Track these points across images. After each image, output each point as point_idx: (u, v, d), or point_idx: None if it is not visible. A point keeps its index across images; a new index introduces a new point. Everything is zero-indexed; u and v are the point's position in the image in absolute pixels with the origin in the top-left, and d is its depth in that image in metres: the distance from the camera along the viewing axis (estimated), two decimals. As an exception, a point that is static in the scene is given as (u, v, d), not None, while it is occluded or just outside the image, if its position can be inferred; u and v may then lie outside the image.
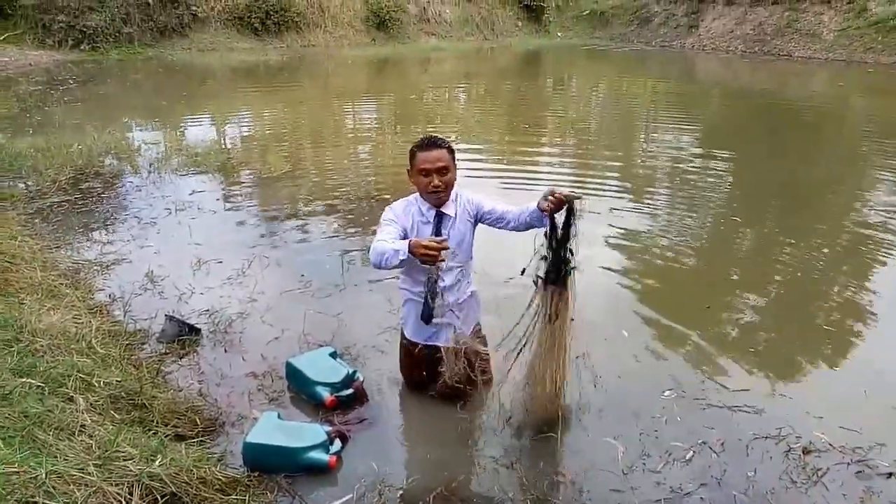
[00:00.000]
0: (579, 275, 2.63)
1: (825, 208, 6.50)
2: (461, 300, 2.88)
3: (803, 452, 2.78)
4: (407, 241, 2.44)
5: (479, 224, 2.86)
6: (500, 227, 2.81)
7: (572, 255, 2.54)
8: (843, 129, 11.27)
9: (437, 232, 2.71)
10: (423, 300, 2.82)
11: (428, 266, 2.46)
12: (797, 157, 8.49)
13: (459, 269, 2.83)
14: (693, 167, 8.12)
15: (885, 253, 5.11)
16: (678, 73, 20.22)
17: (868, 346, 3.75)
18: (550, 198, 2.44)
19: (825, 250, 5.29)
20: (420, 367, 3.04)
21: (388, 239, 2.56)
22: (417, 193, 2.77)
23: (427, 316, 2.83)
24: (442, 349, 2.81)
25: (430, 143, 2.65)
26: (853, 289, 4.53)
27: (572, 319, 2.65)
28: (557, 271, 2.55)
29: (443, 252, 2.31)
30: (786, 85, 16.89)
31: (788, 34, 22.43)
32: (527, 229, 2.70)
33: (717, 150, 8.93)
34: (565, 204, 2.45)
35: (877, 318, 4.04)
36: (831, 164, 8.49)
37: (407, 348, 3.06)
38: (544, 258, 2.56)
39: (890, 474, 2.65)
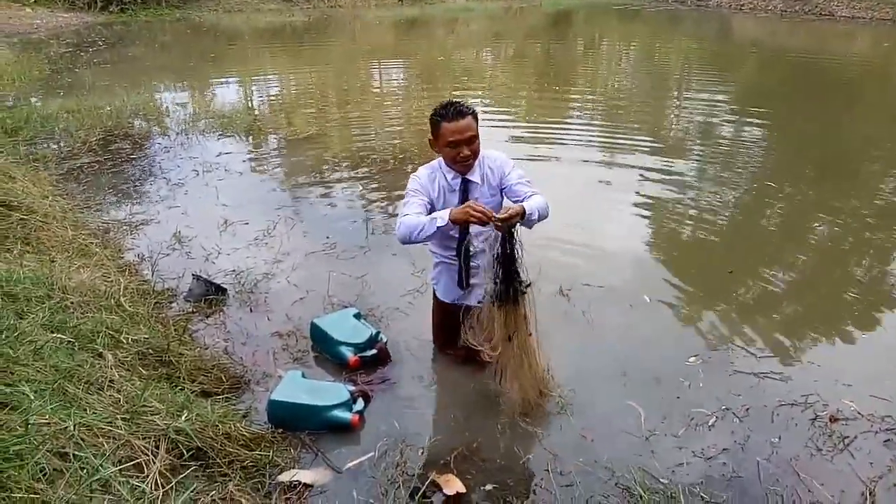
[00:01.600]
0: (607, 241, 2.59)
1: (862, 175, 6.28)
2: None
3: (830, 420, 2.73)
4: (448, 210, 2.41)
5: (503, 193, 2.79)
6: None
7: (519, 279, 2.54)
8: (886, 92, 10.82)
9: (465, 200, 2.66)
10: (454, 263, 2.81)
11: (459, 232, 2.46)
12: (835, 123, 8.20)
13: (490, 232, 2.79)
14: (727, 131, 7.89)
15: (926, 220, 4.93)
16: (713, 33, 19.55)
17: (901, 316, 3.65)
18: (502, 214, 2.36)
19: (860, 218, 5.13)
20: (451, 324, 3.04)
21: (414, 212, 2.53)
22: (441, 160, 2.70)
23: (461, 282, 2.84)
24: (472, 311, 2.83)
25: (457, 112, 2.51)
26: (885, 259, 4.39)
27: (530, 334, 2.63)
28: (507, 290, 2.53)
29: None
30: (826, 46, 16.21)
31: (832, -9, 21.46)
32: None
33: (752, 114, 8.66)
34: (504, 232, 2.42)
35: (913, 287, 3.93)
36: (870, 129, 8.17)
37: (438, 307, 3.08)
38: (494, 281, 2.53)
39: (920, 444, 2.60)
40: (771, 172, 6.30)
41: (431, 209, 2.66)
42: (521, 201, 2.57)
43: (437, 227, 2.42)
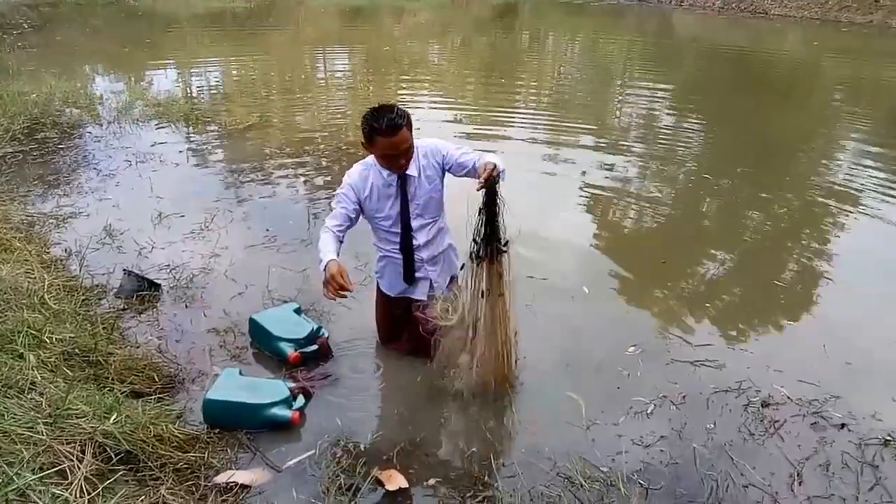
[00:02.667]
0: (547, 230, 2.59)
1: (793, 167, 6.54)
2: (436, 254, 2.84)
3: (762, 405, 2.83)
4: (326, 260, 2.44)
5: (449, 174, 2.72)
6: (462, 176, 2.67)
7: (501, 236, 2.49)
8: (815, 88, 11.30)
9: (404, 196, 2.63)
10: (398, 257, 2.78)
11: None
12: (769, 116, 8.51)
13: (432, 224, 2.76)
14: (667, 124, 8.09)
15: (848, 213, 5.17)
16: (655, 28, 20.02)
17: (828, 304, 3.81)
18: (483, 174, 2.31)
19: (790, 209, 5.35)
20: (394, 318, 3.03)
21: (334, 228, 2.56)
22: (373, 158, 2.61)
23: (407, 274, 2.81)
24: (414, 305, 2.82)
25: (392, 125, 2.39)
26: (816, 248, 4.59)
27: (500, 294, 2.59)
28: (487, 247, 2.49)
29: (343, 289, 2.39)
30: (760, 43, 16.81)
31: (765, -9, 22.26)
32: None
33: (690, 108, 8.92)
34: (490, 188, 2.36)
35: (838, 277, 4.10)
36: (801, 123, 8.53)
37: (382, 300, 3.04)
38: (480, 235, 2.48)
39: (843, 425, 2.72)
40: (707, 165, 6.48)
41: (357, 214, 2.64)
42: (473, 167, 2.54)
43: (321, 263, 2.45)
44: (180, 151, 6.08)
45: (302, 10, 20.00)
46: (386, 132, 2.41)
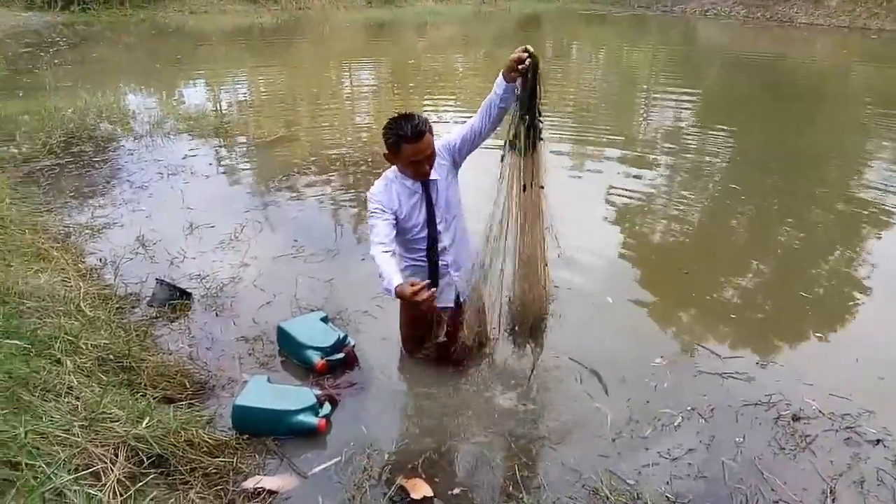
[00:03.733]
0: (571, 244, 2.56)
1: (824, 178, 6.44)
2: (461, 259, 2.84)
3: (793, 419, 2.78)
4: (395, 285, 2.38)
5: (461, 162, 2.72)
6: (482, 141, 2.65)
7: (540, 118, 2.41)
8: (845, 97, 11.12)
9: (429, 200, 2.64)
10: (423, 263, 2.78)
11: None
12: (798, 126, 8.39)
13: (454, 225, 2.77)
14: (693, 135, 8.02)
15: (882, 225, 5.07)
16: (679, 38, 19.89)
17: (862, 316, 3.74)
18: (524, 59, 2.26)
19: (823, 220, 5.26)
20: (420, 326, 3.02)
21: (383, 245, 2.51)
22: (394, 169, 2.64)
23: (432, 280, 2.79)
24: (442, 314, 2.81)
25: (417, 132, 2.43)
26: (848, 260, 4.51)
27: (542, 187, 2.50)
28: (527, 138, 2.41)
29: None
30: (788, 52, 16.61)
31: None
32: (503, 114, 2.53)
33: (717, 118, 8.83)
34: (534, 59, 2.28)
35: (871, 289, 4.03)
36: (832, 133, 8.40)
37: (407, 311, 3.03)
38: (521, 124, 2.40)
39: (878, 441, 2.66)
40: (735, 175, 6.41)
41: (395, 224, 2.63)
42: (476, 120, 2.54)
43: (385, 288, 2.41)
44: (210, 164, 6.21)
45: (327, 26, 20.28)
46: (412, 139, 2.44)
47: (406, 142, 2.45)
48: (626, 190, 5.72)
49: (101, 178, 5.67)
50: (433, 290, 2.36)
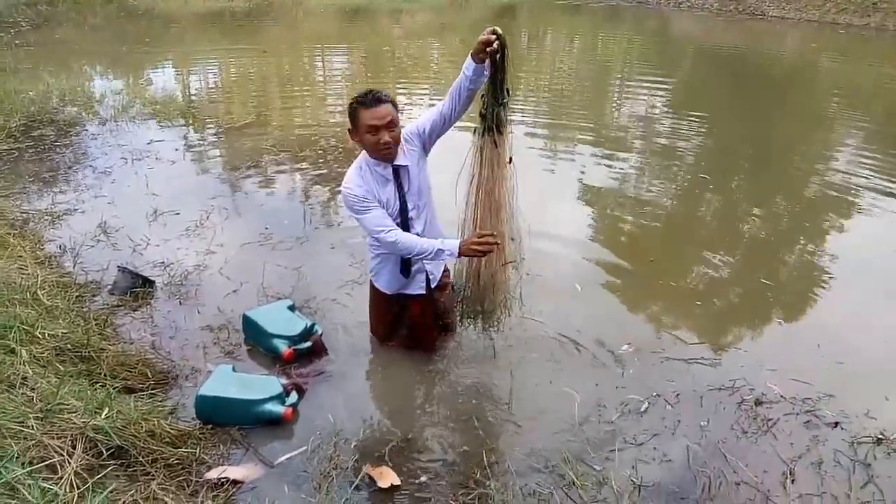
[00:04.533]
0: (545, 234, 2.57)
1: (791, 168, 6.53)
2: None
3: (755, 403, 2.83)
4: (456, 243, 2.41)
5: (431, 147, 2.69)
6: (451, 125, 2.61)
7: (508, 97, 2.42)
8: (813, 90, 11.30)
9: (400, 187, 2.61)
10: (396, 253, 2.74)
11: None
12: (767, 117, 8.50)
13: (425, 209, 2.73)
14: (665, 124, 8.08)
15: (846, 214, 5.17)
16: (653, 29, 20.01)
17: (823, 303, 3.81)
18: (493, 41, 2.25)
19: (789, 209, 5.35)
20: (392, 315, 3.01)
21: (393, 224, 2.52)
22: (364, 156, 2.59)
23: (404, 269, 2.78)
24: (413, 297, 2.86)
25: (375, 98, 2.42)
26: (812, 248, 4.59)
27: (510, 159, 2.52)
28: (496, 117, 2.43)
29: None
30: (758, 44, 16.81)
31: (764, -8, 22.27)
32: (473, 97, 2.49)
33: (689, 108, 8.89)
34: (502, 40, 2.28)
35: (833, 277, 4.10)
36: (799, 124, 8.52)
37: (379, 300, 3.00)
38: (487, 105, 2.43)
39: (836, 423, 2.72)
40: (705, 165, 6.48)
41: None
42: (445, 104, 2.52)
43: (443, 257, 2.43)
44: (176, 149, 6.07)
45: (300, 10, 19.98)
46: (370, 104, 2.42)
47: (362, 106, 2.43)
48: (597, 177, 5.75)
49: (62, 162, 5.52)
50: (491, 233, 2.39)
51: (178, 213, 4.52)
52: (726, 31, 19.49)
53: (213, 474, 2.29)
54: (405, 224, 2.66)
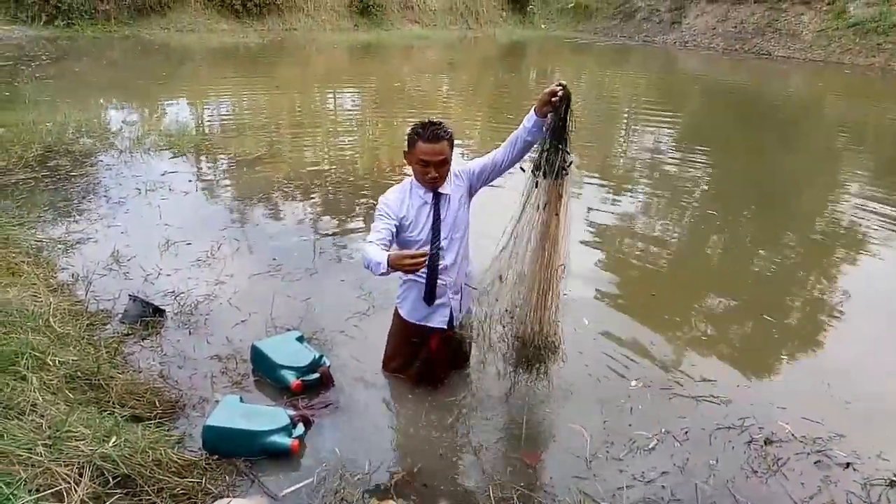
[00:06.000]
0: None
1: (798, 206, 6.56)
2: (459, 282, 2.84)
3: (765, 442, 2.80)
4: (385, 255, 2.37)
5: (480, 188, 2.80)
6: (501, 173, 2.74)
7: (567, 149, 2.50)
8: (819, 128, 11.40)
9: (437, 213, 2.68)
10: (421, 279, 2.77)
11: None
12: (774, 155, 8.56)
13: (459, 243, 2.79)
14: (672, 161, 8.15)
15: (855, 253, 5.18)
16: (660, 68, 20.29)
17: (833, 342, 3.79)
18: (558, 92, 2.37)
19: (796, 247, 5.36)
20: (409, 346, 3.01)
21: (377, 241, 2.52)
22: (411, 180, 2.72)
23: (429, 296, 2.80)
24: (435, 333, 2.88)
25: (434, 135, 2.55)
26: (821, 286, 4.59)
27: (556, 214, 2.56)
28: (552, 165, 2.50)
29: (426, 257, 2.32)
30: (765, 83, 17.02)
31: (769, 33, 22.62)
32: (528, 149, 2.61)
33: (696, 146, 8.97)
34: (566, 92, 2.38)
35: (843, 315, 4.09)
36: (806, 162, 8.58)
37: (400, 328, 3.00)
38: (547, 151, 2.50)
39: (848, 464, 2.69)
40: (713, 202, 6.51)
41: (395, 231, 2.64)
42: (501, 151, 2.64)
43: (380, 272, 2.39)
44: (189, 181, 6.16)
45: (313, 47, 20.40)
46: (428, 139, 2.54)
47: (421, 139, 2.56)
48: (606, 214, 5.79)
49: (77, 192, 5.60)
50: (425, 251, 2.42)
51: (189, 244, 4.57)
52: (733, 69, 19.75)
53: (218, 505, 2.28)
54: (435, 251, 2.71)
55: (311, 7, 24.06)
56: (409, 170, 2.74)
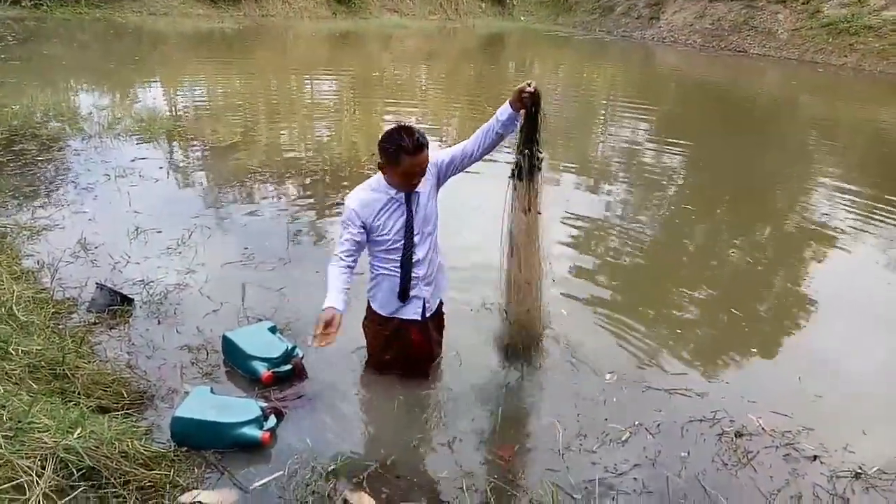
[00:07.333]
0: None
1: (772, 202, 6.65)
2: (431, 274, 2.82)
3: (736, 435, 2.83)
4: (324, 307, 2.50)
5: (445, 180, 2.75)
6: (471, 164, 2.71)
7: (540, 148, 2.58)
8: (793, 125, 11.56)
9: (409, 211, 2.64)
10: (395, 273, 2.74)
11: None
12: (750, 151, 8.66)
13: (430, 237, 2.77)
14: (649, 155, 8.20)
15: (825, 247, 5.26)
16: (637, 62, 20.41)
17: (805, 336, 3.86)
18: (527, 90, 2.43)
19: (770, 243, 5.43)
20: (382, 339, 2.97)
21: (344, 256, 2.58)
22: (380, 177, 2.62)
23: (403, 291, 2.78)
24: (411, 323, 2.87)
25: (418, 145, 2.46)
26: (793, 280, 4.65)
27: (539, 212, 2.66)
28: (530, 166, 2.59)
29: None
30: (741, 80, 17.21)
31: (745, 31, 22.83)
32: (498, 142, 2.62)
33: (672, 140, 9.03)
34: (537, 93, 2.44)
35: (815, 309, 4.16)
36: (781, 159, 8.68)
37: (373, 321, 2.96)
38: (522, 154, 2.58)
39: (815, 457, 2.73)
40: (689, 197, 6.58)
41: (364, 236, 2.63)
42: (471, 142, 2.63)
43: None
44: (161, 167, 6.03)
45: (290, 34, 20.12)
46: (413, 152, 2.46)
47: (406, 153, 2.46)
48: (584, 208, 5.78)
49: (43, 178, 5.46)
50: (331, 332, 2.47)
51: (159, 232, 4.47)
52: (709, 66, 19.93)
53: (186, 498, 2.24)
54: (409, 247, 2.69)
55: (289, -7, 23.67)
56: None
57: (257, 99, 10.24)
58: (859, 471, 2.66)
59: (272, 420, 2.66)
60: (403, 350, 2.96)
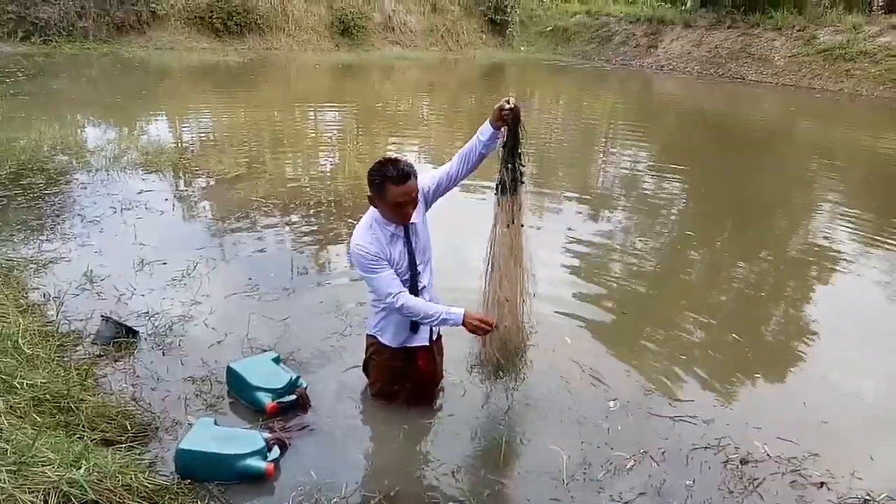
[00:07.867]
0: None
1: (773, 227, 6.67)
2: (433, 296, 2.86)
3: (741, 462, 2.82)
4: (461, 313, 2.57)
5: (432, 204, 2.79)
6: (453, 186, 2.75)
7: (522, 163, 2.62)
8: (793, 151, 11.63)
9: (409, 243, 2.67)
10: None
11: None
12: (750, 177, 8.72)
13: (429, 264, 2.82)
14: (649, 183, 8.24)
15: (829, 271, 5.26)
16: (636, 90, 20.62)
17: (809, 361, 3.85)
18: (506, 107, 2.47)
19: (772, 268, 5.43)
20: (395, 372, 2.97)
21: (403, 287, 2.63)
22: (374, 213, 2.65)
23: (415, 324, 2.80)
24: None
25: (403, 175, 2.47)
26: (797, 306, 4.65)
27: (522, 225, 2.68)
28: (513, 180, 2.62)
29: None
30: (739, 107, 17.35)
31: (742, 58, 23.07)
32: (481, 161, 2.66)
33: (673, 167, 9.09)
34: (517, 109, 2.49)
35: (819, 334, 4.15)
36: (780, 184, 8.73)
37: (382, 355, 2.94)
38: (506, 168, 2.62)
39: (821, 484, 2.71)
40: (690, 223, 6.60)
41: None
42: (454, 163, 2.68)
43: (448, 325, 2.60)
44: (166, 199, 6.09)
45: (294, 67, 20.43)
46: (398, 181, 2.48)
47: (392, 183, 2.48)
48: (586, 234, 5.81)
49: (50, 211, 5.51)
50: (490, 319, 2.59)
51: (165, 263, 4.51)
52: (708, 92, 20.13)
53: (189, 532, 2.23)
54: (413, 278, 2.72)
55: (292, 27, 24.05)
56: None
57: (262, 130, 10.36)
58: (867, 497, 2.64)
59: (276, 451, 2.67)
60: (412, 378, 2.97)
